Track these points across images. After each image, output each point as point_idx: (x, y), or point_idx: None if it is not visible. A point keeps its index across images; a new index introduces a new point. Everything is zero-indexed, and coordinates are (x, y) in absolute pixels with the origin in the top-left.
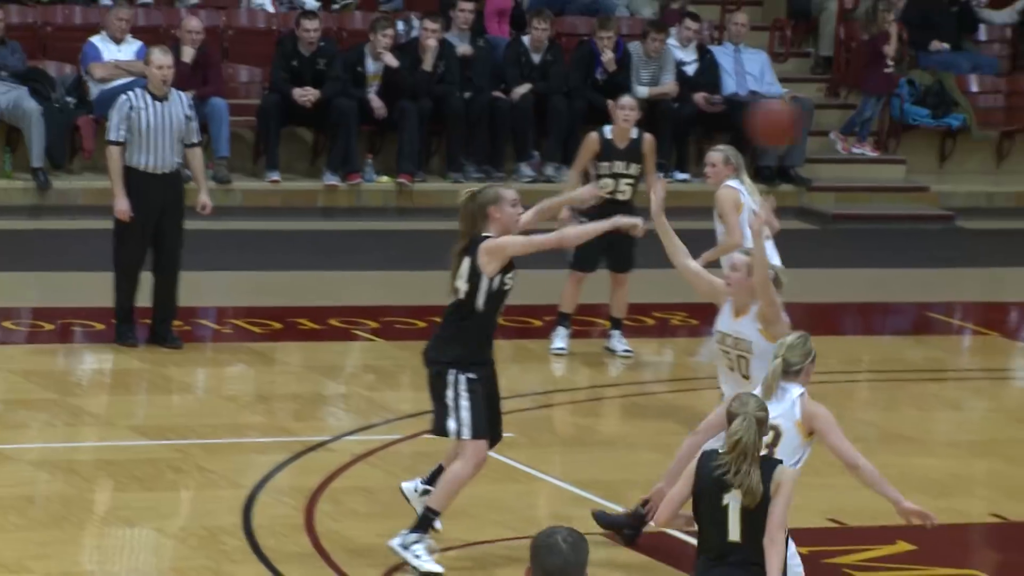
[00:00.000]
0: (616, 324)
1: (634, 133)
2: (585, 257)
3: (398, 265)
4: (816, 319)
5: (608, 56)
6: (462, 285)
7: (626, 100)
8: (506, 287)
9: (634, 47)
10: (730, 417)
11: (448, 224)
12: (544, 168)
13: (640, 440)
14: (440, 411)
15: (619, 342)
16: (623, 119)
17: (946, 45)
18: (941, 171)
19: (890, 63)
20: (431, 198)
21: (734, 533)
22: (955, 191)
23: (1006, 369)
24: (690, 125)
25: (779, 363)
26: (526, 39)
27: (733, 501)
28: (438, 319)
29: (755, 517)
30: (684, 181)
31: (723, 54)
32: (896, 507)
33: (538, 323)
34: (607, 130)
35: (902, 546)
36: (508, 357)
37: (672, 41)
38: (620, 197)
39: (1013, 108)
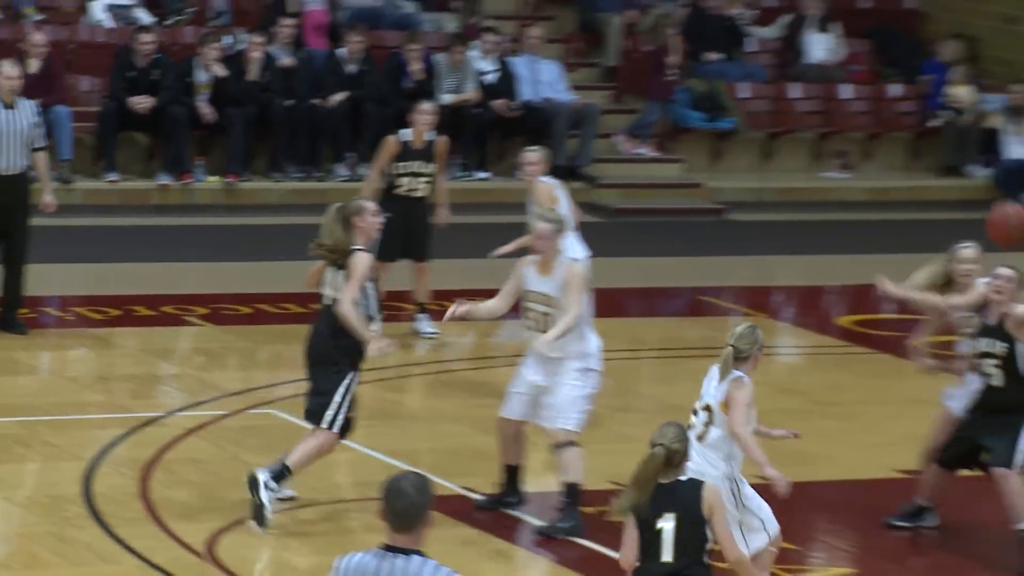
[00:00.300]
0: (422, 308)
1: (430, 136)
2: (386, 249)
3: (225, 256)
4: (603, 303)
5: (416, 67)
6: (331, 293)
7: (425, 106)
8: (371, 292)
9: (439, 58)
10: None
11: (271, 219)
12: (358, 168)
13: (444, 413)
14: (323, 403)
15: (425, 324)
16: (422, 123)
17: (719, 55)
18: (714, 169)
19: (671, 72)
20: (255, 196)
21: (667, 554)
22: (726, 187)
23: (772, 346)
24: (490, 129)
25: (730, 351)
26: (342, 51)
27: (666, 524)
28: (263, 305)
29: (685, 537)
30: (484, 179)
31: (520, 64)
32: (761, 470)
33: None
34: (405, 133)
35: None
36: None
37: (474, 53)
38: (416, 194)
39: (778, 112)
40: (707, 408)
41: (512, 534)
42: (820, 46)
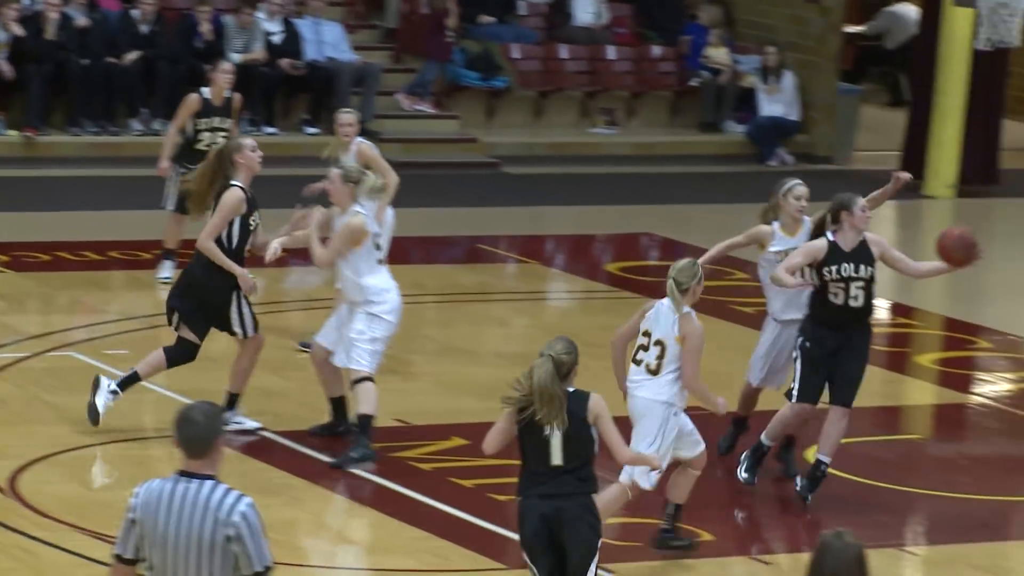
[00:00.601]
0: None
1: (227, 93)
2: (182, 201)
3: (25, 207)
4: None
5: (206, 27)
6: None
7: (226, 65)
8: (251, 226)
9: (228, 19)
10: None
11: (68, 171)
12: (152, 124)
13: (230, 354)
14: (225, 322)
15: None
16: (222, 81)
17: (492, 18)
18: (489, 125)
19: (449, 34)
20: (53, 149)
21: (556, 458)
22: (501, 142)
23: (544, 291)
24: (276, 87)
25: (672, 284)
26: (135, 12)
27: (554, 432)
28: (62, 253)
29: (574, 443)
30: (271, 134)
31: (304, 26)
32: (707, 403)
33: (147, 256)
34: (205, 91)
35: (456, 441)
36: (122, 285)
37: (260, 14)
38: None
39: (549, 72)
40: (659, 343)
41: (304, 469)
42: (586, 10)
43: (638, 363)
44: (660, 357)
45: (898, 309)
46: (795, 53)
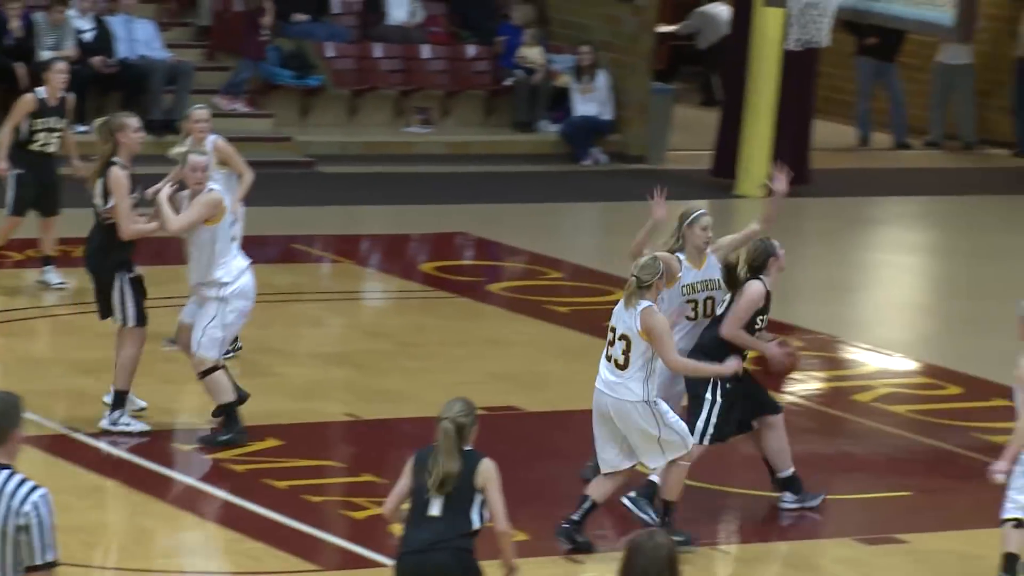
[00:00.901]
0: (47, 260)
1: (61, 93)
2: (19, 203)
3: None
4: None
5: (16, 24)
6: (100, 202)
7: (60, 65)
8: (135, 199)
9: (39, 16)
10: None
11: None
12: None
13: (44, 357)
14: (105, 305)
15: (53, 275)
16: (57, 81)
17: (306, 16)
18: (303, 124)
19: (265, 32)
20: None
21: (435, 509)
22: (315, 141)
23: (358, 291)
24: (89, 85)
25: (633, 280)
26: None
27: (440, 490)
28: None
29: (454, 501)
30: (84, 133)
31: (116, 23)
32: (703, 374)
33: None
34: (40, 91)
35: (271, 442)
36: None
37: (72, 12)
38: (49, 149)
39: (363, 70)
40: (623, 337)
41: (117, 472)
42: (400, 8)
43: (608, 359)
44: (626, 352)
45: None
46: (609, 52)
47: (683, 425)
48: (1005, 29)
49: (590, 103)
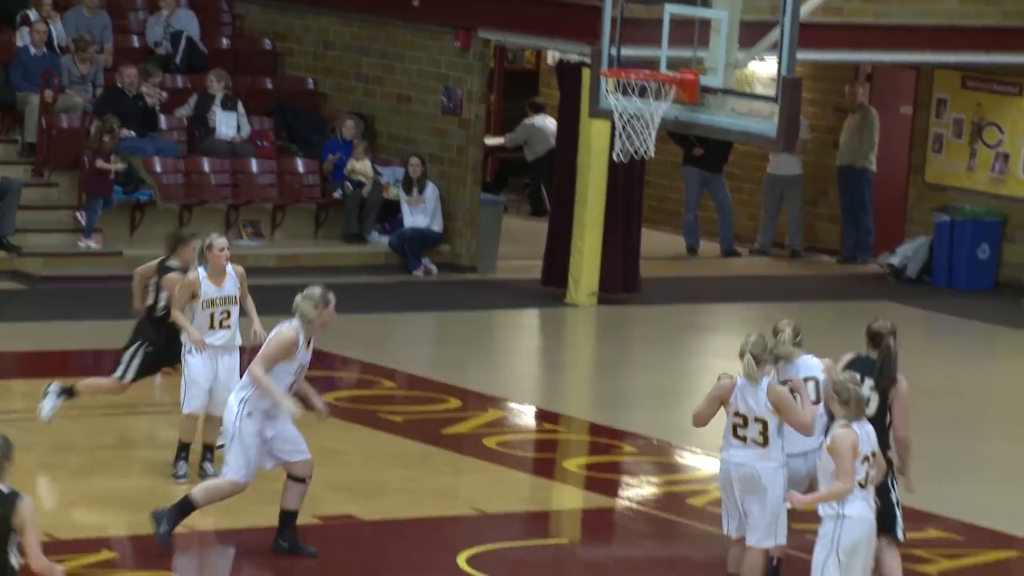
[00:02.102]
0: None
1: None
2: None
3: None
4: (27, 366)
5: None
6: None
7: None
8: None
9: None
10: None
11: None
12: None
13: None
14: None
15: None
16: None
17: (133, 133)
18: (132, 238)
19: (107, 169)
20: None
21: None
22: (144, 255)
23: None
24: None
25: (750, 359)
26: None
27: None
28: None
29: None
30: None
31: None
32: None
33: None
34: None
35: (106, 554)
36: None
37: None
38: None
39: (191, 184)
40: (759, 420)
41: None
42: (227, 123)
43: (742, 439)
44: (764, 432)
45: (544, 415)
46: (437, 165)
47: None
48: (828, 140)
49: (419, 214)
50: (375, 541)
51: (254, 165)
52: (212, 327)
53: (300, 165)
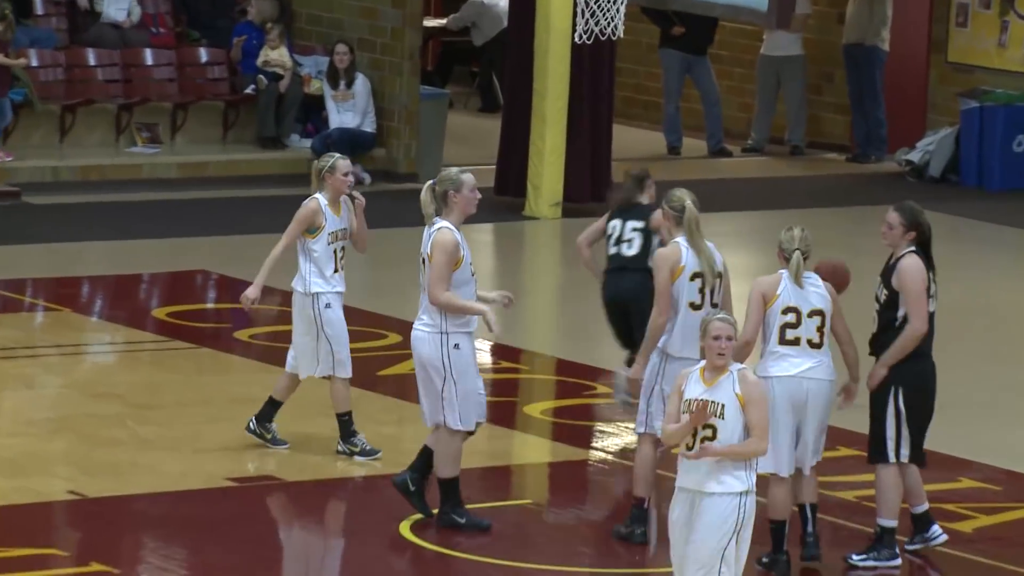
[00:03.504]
0: None
1: None
2: None
3: None
4: None
5: None
6: None
7: None
8: None
9: None
10: None
11: None
12: None
13: None
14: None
15: None
16: None
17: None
18: (5, 147)
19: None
20: None
21: None
22: (21, 167)
23: (78, 344)
24: None
25: (798, 255)
26: None
27: None
28: None
29: None
30: None
31: None
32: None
33: None
34: None
35: None
36: None
37: None
38: None
39: (73, 81)
40: (818, 313)
41: None
42: (115, 5)
43: (792, 342)
44: (821, 328)
45: (501, 351)
46: (368, 53)
47: None
48: (833, 14)
49: (347, 112)
50: (299, 507)
51: (148, 56)
52: (337, 269)
53: (203, 55)
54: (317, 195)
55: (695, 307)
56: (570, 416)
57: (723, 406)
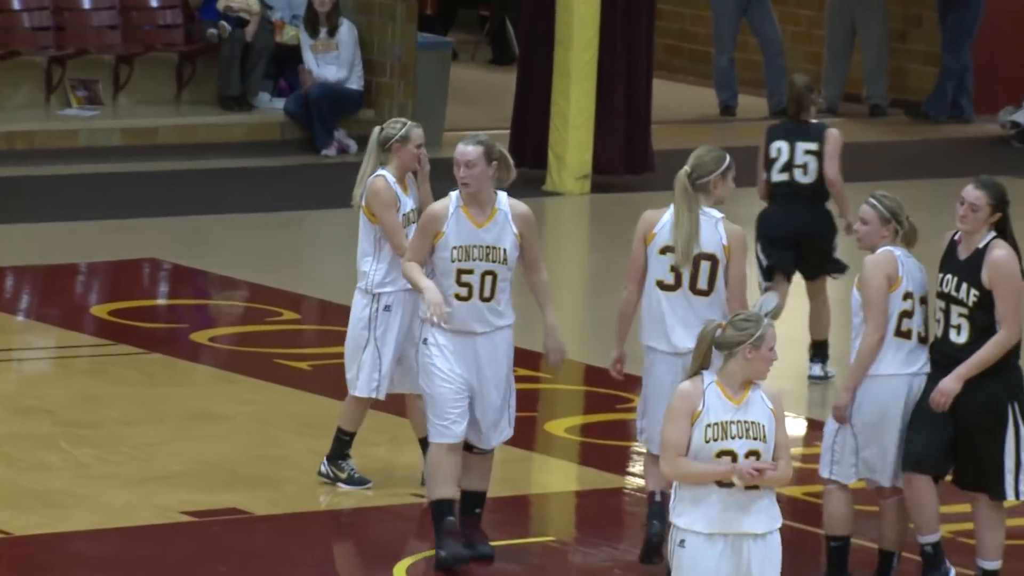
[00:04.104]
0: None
1: None
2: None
3: None
4: None
5: None
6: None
7: None
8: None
9: None
10: None
11: None
12: None
13: None
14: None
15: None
16: None
17: None
18: None
19: None
20: None
21: None
22: None
23: (4, 349)
24: None
25: (909, 226)
26: None
27: None
28: None
29: None
30: None
31: None
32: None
33: None
34: None
35: None
36: None
37: None
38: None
39: None
40: (924, 300)
41: None
42: None
43: (906, 335)
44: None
45: (518, 355)
46: None
47: None
48: None
49: (330, 65)
50: (271, 547)
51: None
52: None
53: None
54: (382, 171)
55: (665, 287)
56: (601, 435)
57: (764, 427)
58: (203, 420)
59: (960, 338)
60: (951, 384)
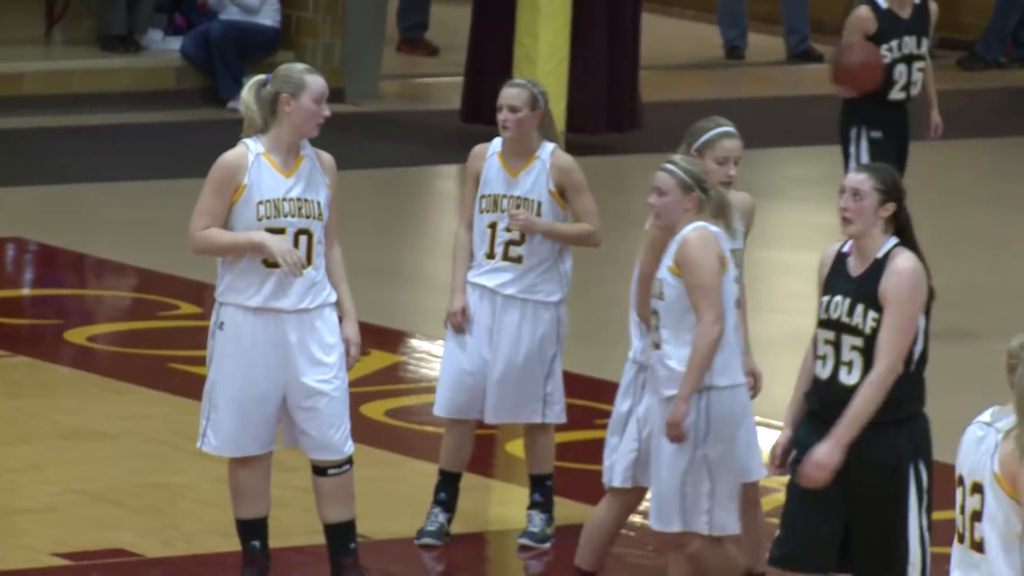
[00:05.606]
0: None
1: None
2: None
3: None
4: None
5: None
6: None
7: None
8: None
9: None
10: None
11: None
12: None
13: None
14: None
15: None
16: None
17: None
18: None
19: None
20: None
21: None
22: None
23: None
24: None
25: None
26: None
27: None
28: None
29: None
30: None
31: None
32: None
33: None
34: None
35: None
36: None
37: None
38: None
39: None
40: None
41: None
42: None
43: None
44: None
45: None
46: None
47: None
48: None
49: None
50: None
51: None
52: (492, 252)
53: None
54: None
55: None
56: (574, 457)
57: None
58: (80, 439)
59: (851, 378)
60: (827, 454)
